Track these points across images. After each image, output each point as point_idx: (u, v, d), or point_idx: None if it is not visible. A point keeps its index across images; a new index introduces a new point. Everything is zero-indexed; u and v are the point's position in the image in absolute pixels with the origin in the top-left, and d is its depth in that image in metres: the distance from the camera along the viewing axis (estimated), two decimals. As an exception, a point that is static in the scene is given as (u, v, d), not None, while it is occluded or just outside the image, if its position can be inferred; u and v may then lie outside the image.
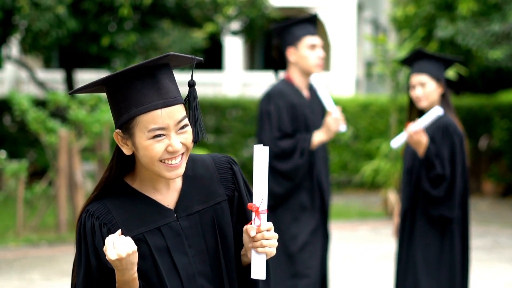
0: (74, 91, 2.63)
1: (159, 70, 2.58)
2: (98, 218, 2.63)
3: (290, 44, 5.95)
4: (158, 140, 2.55)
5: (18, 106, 11.38)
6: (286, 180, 5.85)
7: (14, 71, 21.45)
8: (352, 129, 17.07)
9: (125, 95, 2.57)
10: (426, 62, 5.69)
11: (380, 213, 14.38)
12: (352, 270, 9.71)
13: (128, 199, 2.66)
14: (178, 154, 2.58)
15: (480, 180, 17.28)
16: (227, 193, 2.73)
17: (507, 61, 13.93)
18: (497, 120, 17.50)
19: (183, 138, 2.58)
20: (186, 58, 2.64)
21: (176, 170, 2.60)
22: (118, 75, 2.57)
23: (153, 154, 2.56)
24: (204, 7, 14.69)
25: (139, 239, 2.62)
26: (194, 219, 2.68)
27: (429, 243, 5.57)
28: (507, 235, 12.37)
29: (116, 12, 13.63)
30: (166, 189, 2.69)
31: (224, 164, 2.77)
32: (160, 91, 2.56)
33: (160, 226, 2.64)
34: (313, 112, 6.02)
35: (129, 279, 2.53)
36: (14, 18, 13.31)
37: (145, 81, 2.56)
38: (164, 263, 2.63)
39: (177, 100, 2.58)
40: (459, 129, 5.62)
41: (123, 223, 2.63)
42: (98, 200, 2.67)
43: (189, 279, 2.64)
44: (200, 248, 2.67)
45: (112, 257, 2.46)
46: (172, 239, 2.65)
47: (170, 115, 2.55)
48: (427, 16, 15.88)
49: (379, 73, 15.23)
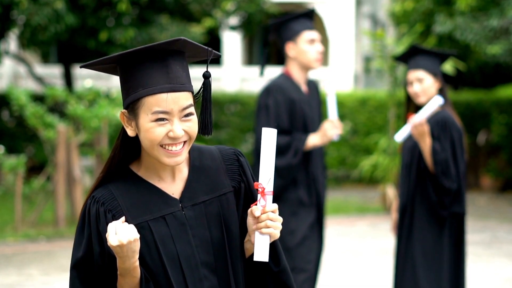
0: (86, 65, 2.64)
1: (171, 55, 2.58)
2: (103, 204, 2.63)
3: (289, 39, 5.95)
4: (160, 123, 2.55)
5: (16, 101, 11.36)
6: (277, 176, 5.81)
7: (12, 66, 21.44)
8: (350, 124, 17.08)
9: (134, 76, 2.58)
10: (422, 58, 5.69)
11: (378, 208, 14.38)
12: (351, 265, 9.71)
13: (133, 186, 2.66)
14: (179, 141, 2.58)
15: (479, 175, 17.30)
16: (233, 185, 2.72)
17: (506, 56, 13.93)
18: (496, 115, 17.51)
19: (186, 126, 2.58)
20: (200, 48, 2.63)
21: (176, 157, 2.59)
22: (130, 54, 2.57)
23: (153, 137, 2.56)
24: (203, 2, 14.68)
25: (143, 226, 2.62)
26: (199, 209, 2.67)
27: (427, 237, 5.57)
28: (505, 230, 12.38)
29: (114, 7, 13.62)
30: (171, 178, 2.69)
31: (231, 156, 2.76)
32: (168, 75, 2.56)
33: (164, 215, 2.64)
34: (310, 107, 6.01)
35: (130, 267, 2.53)
36: (12, 13, 13.31)
37: (155, 64, 2.57)
38: (167, 252, 2.62)
39: (185, 87, 2.58)
40: (458, 124, 5.62)
41: (127, 210, 2.63)
42: (104, 186, 2.67)
43: (191, 269, 2.63)
44: (204, 238, 2.66)
45: (113, 243, 2.46)
46: (176, 228, 2.64)
47: (175, 101, 2.55)
48: (426, 11, 15.87)
49: (377, 68, 15.23)
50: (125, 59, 2.60)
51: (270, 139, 2.58)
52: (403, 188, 5.72)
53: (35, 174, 14.30)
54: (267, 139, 2.58)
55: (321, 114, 6.16)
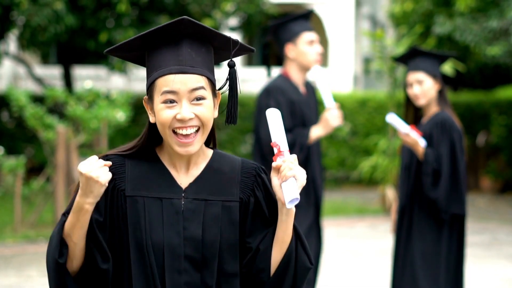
0: (110, 50, 2.67)
1: (184, 39, 2.61)
2: (113, 173, 2.65)
3: (288, 40, 5.96)
4: (169, 105, 2.57)
5: (16, 102, 11.36)
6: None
7: (12, 67, 21.44)
8: (350, 125, 17.07)
9: (151, 61, 2.63)
10: (421, 60, 5.70)
11: (378, 209, 14.38)
12: (350, 266, 9.71)
13: (147, 163, 2.69)
14: (189, 124, 2.58)
15: (478, 177, 17.30)
16: (241, 196, 2.69)
17: (505, 57, 13.94)
18: (495, 116, 17.52)
19: (197, 110, 2.59)
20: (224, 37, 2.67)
21: (187, 147, 2.60)
22: (145, 36, 2.61)
23: (162, 119, 2.58)
24: (202, 2, 14.69)
25: (138, 201, 2.64)
26: (199, 205, 2.66)
27: (427, 239, 5.57)
28: (505, 231, 12.38)
29: (114, 8, 13.62)
30: (185, 169, 2.69)
31: (250, 170, 2.73)
32: (178, 58, 2.59)
33: (162, 198, 2.65)
34: (309, 108, 6.04)
35: (82, 204, 2.55)
36: (12, 14, 13.31)
37: (168, 47, 2.61)
38: (154, 234, 2.62)
39: (195, 70, 2.60)
40: (457, 125, 5.63)
41: (130, 180, 2.66)
42: (121, 154, 2.70)
43: (173, 258, 2.62)
44: (195, 234, 2.63)
45: (81, 168, 2.51)
46: (170, 214, 2.64)
47: (183, 82, 2.57)
48: (425, 12, 15.88)
49: (377, 69, 15.23)
50: (145, 45, 2.64)
51: (276, 118, 2.63)
52: (402, 190, 5.72)
53: (35, 175, 14.29)
54: (272, 119, 2.63)
55: (318, 114, 6.18)
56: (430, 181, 5.51)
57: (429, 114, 5.72)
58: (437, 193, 5.49)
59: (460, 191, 5.53)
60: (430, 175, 5.51)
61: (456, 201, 5.52)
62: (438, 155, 5.55)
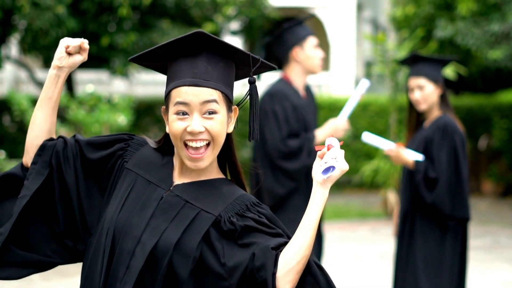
0: (134, 58, 2.73)
1: (201, 52, 2.63)
2: (130, 144, 2.78)
3: (296, 44, 5.98)
4: (180, 117, 2.60)
5: (17, 106, 11.37)
6: (290, 180, 5.87)
7: (13, 71, 21.45)
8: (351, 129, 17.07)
9: (170, 72, 2.67)
10: (422, 65, 5.71)
11: (379, 213, 14.37)
12: (352, 270, 9.71)
13: (160, 154, 2.76)
14: (199, 138, 2.60)
15: (480, 180, 17.29)
16: (221, 214, 2.63)
17: (507, 61, 13.93)
18: (497, 120, 17.51)
19: (207, 124, 2.60)
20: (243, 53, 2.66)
21: (197, 162, 2.63)
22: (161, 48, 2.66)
23: (173, 130, 2.61)
24: (204, 7, 14.69)
25: (131, 175, 2.72)
26: (177, 203, 2.65)
27: (429, 243, 5.57)
28: (506, 235, 12.37)
29: (115, 12, 13.62)
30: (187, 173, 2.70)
31: (245, 200, 2.68)
32: (193, 70, 2.61)
33: (151, 183, 2.69)
34: (309, 112, 6.07)
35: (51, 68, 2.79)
36: (13, 18, 13.31)
37: (186, 60, 2.64)
38: (127, 207, 2.65)
39: (209, 83, 2.61)
40: (460, 129, 5.62)
41: (137, 158, 2.75)
42: (145, 141, 2.80)
43: (128, 235, 2.61)
44: (160, 226, 2.61)
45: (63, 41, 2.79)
46: (148, 198, 2.66)
47: (196, 94, 2.59)
48: (427, 16, 15.87)
49: (378, 73, 15.23)
50: (167, 55, 2.67)
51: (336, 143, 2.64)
52: (404, 194, 5.72)
53: (36, 179, 14.26)
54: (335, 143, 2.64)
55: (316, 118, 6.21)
56: (423, 188, 5.53)
57: (431, 118, 5.72)
58: (433, 197, 5.49)
59: (463, 195, 5.53)
60: (421, 183, 5.53)
61: (460, 205, 5.52)
62: (436, 160, 5.56)
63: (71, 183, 2.75)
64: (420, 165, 5.54)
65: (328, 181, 2.60)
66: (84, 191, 2.77)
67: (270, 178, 5.85)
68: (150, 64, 2.76)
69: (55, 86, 2.79)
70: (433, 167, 5.54)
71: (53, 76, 2.79)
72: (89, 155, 2.78)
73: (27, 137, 2.79)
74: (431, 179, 5.51)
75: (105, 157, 2.78)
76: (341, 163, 2.57)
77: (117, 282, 2.60)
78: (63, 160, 2.76)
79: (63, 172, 2.76)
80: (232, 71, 2.69)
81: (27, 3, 12.58)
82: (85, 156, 2.78)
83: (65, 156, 2.77)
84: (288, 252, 2.56)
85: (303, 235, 2.59)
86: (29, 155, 2.79)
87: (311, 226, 2.62)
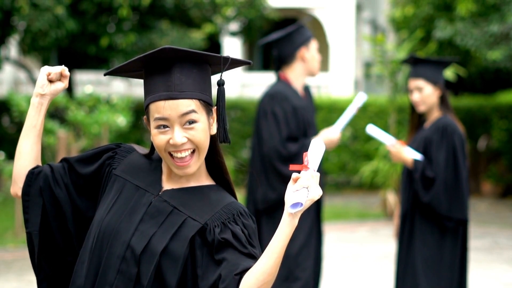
0: (109, 72, 2.75)
1: (174, 63, 2.62)
2: (117, 153, 2.79)
3: (303, 44, 5.99)
4: (162, 131, 2.60)
5: (16, 107, 11.37)
6: (283, 184, 5.82)
7: (12, 72, 21.46)
8: (351, 129, 17.07)
9: (145, 85, 2.67)
10: (421, 67, 5.72)
11: (379, 214, 14.38)
12: (351, 271, 9.71)
13: (148, 160, 2.77)
14: (182, 148, 2.60)
15: (479, 181, 17.28)
16: (206, 222, 2.63)
17: (506, 61, 13.93)
18: (496, 120, 17.51)
19: (189, 134, 2.60)
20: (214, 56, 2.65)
21: (185, 169, 2.64)
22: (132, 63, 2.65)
23: (157, 144, 2.62)
24: (203, 7, 14.69)
25: (119, 181, 2.73)
26: (165, 208, 2.65)
27: (429, 244, 5.57)
28: (506, 236, 12.37)
29: (114, 13, 13.63)
30: (176, 179, 2.71)
31: (233, 209, 2.67)
32: (167, 83, 2.60)
33: (140, 188, 2.70)
34: (309, 113, 6.06)
35: (34, 94, 2.82)
36: (12, 19, 13.31)
37: (159, 72, 2.63)
38: (116, 212, 2.66)
39: (185, 94, 2.60)
40: (460, 129, 5.63)
41: (126, 164, 2.76)
42: (133, 148, 2.81)
43: (117, 239, 2.62)
44: (148, 231, 2.62)
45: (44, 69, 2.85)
46: (137, 205, 2.67)
47: (173, 107, 2.58)
48: (426, 17, 15.88)
49: (377, 74, 15.22)
50: (145, 67, 2.67)
51: (320, 149, 2.56)
52: (404, 194, 5.73)
53: (36, 180, 14.26)
54: (316, 148, 2.56)
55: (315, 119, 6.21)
56: (420, 187, 5.54)
57: (432, 119, 5.73)
58: (429, 196, 5.50)
59: (461, 196, 5.53)
60: (419, 182, 5.54)
61: (458, 206, 5.53)
62: (435, 160, 5.57)
63: (64, 202, 2.77)
64: (418, 164, 5.55)
65: (298, 212, 2.53)
66: (78, 207, 2.79)
67: (263, 181, 5.84)
68: (126, 75, 2.77)
69: (38, 114, 2.80)
70: (431, 167, 5.55)
71: (36, 104, 2.81)
72: (81, 170, 2.78)
73: (14, 167, 2.80)
74: (429, 178, 5.52)
75: (97, 168, 2.78)
76: (313, 191, 2.50)
77: (106, 285, 2.61)
78: (52, 183, 2.77)
79: (55, 194, 2.77)
80: (207, 73, 2.67)
81: (26, 4, 12.58)
82: (78, 172, 2.78)
83: (54, 178, 2.77)
84: (250, 277, 2.54)
85: (267, 262, 2.53)
86: (17, 185, 2.80)
87: (276, 253, 2.53)
